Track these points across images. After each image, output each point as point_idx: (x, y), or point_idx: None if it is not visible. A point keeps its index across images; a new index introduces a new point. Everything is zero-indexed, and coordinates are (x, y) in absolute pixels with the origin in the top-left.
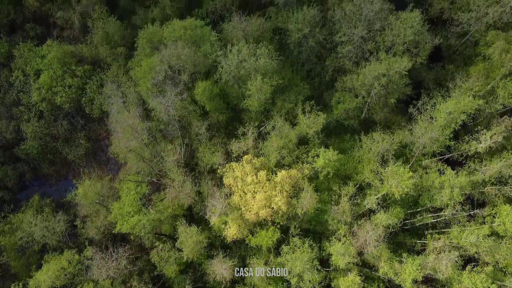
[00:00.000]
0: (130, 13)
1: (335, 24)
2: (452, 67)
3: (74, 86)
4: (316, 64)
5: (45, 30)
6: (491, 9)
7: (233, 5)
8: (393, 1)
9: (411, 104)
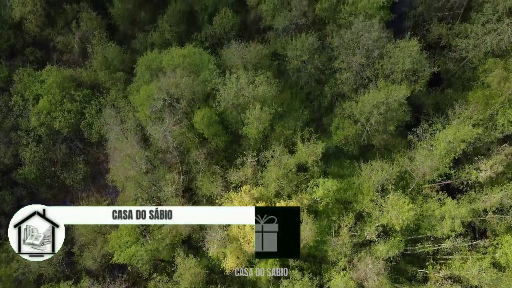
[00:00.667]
0: (130, 37)
1: (333, 50)
2: (451, 91)
3: (73, 110)
4: (315, 87)
5: (45, 54)
6: (489, 37)
7: (232, 29)
8: (391, 26)
9: (411, 131)
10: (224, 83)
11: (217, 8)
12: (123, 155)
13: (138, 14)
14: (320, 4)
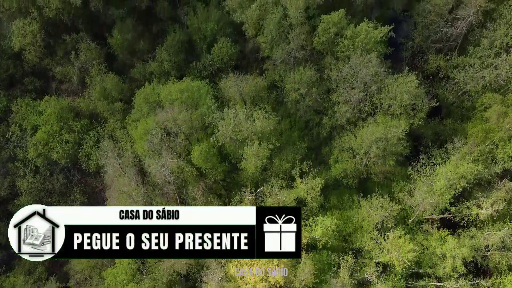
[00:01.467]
0: (129, 67)
1: (331, 83)
2: (450, 121)
3: (70, 141)
4: (314, 116)
5: (44, 83)
6: (487, 71)
7: (231, 59)
8: (389, 57)
9: (410, 164)
10: (222, 118)
11: (216, 38)
12: (120, 192)
13: (137, 44)
14: (318, 37)
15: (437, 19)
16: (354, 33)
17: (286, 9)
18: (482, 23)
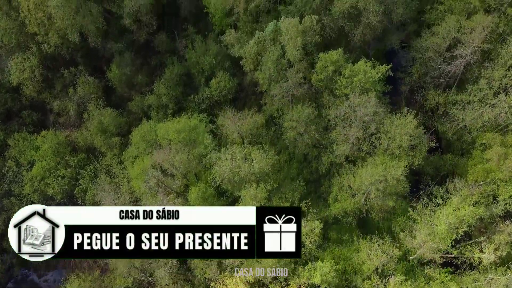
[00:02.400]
0: (127, 99)
1: (330, 120)
2: (450, 156)
3: (67, 176)
4: (312, 149)
5: (41, 116)
6: (486, 110)
7: (229, 92)
8: (387, 94)
9: (410, 200)
10: (219, 158)
11: (214, 72)
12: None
13: (135, 78)
14: (316, 75)
15: (435, 56)
16: (352, 72)
17: (283, 47)
18: (480, 62)
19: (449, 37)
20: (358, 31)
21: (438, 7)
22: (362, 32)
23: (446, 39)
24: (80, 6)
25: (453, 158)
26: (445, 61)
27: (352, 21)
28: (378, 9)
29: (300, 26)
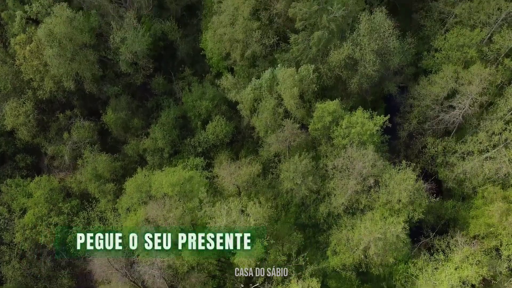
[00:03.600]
0: (122, 142)
1: (327, 171)
2: (451, 203)
3: (59, 224)
4: (310, 193)
5: (35, 159)
6: (486, 163)
7: (226, 136)
8: (387, 131)
9: (412, 262)
10: (214, 213)
11: (211, 115)
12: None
13: (131, 121)
14: (313, 124)
15: (433, 105)
16: (350, 123)
17: (280, 96)
18: (479, 113)
19: (447, 87)
20: (355, 80)
21: (435, 54)
22: (359, 80)
23: (444, 89)
24: (76, 53)
25: (454, 204)
26: (443, 110)
27: (349, 70)
28: (375, 59)
29: (296, 75)
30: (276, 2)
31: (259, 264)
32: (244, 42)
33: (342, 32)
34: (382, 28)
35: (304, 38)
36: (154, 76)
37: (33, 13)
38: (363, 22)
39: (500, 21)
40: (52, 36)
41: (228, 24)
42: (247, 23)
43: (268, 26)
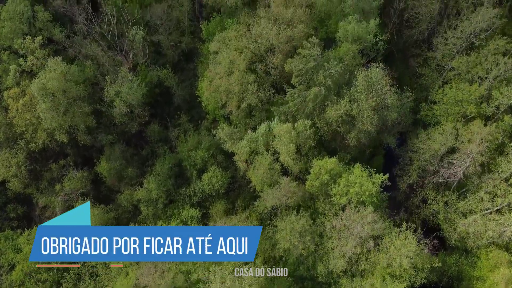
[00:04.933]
0: (116, 192)
1: (325, 230)
2: (454, 257)
3: (49, 280)
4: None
5: (27, 209)
6: (490, 224)
7: (221, 187)
8: (386, 189)
9: None
10: (208, 281)
11: (206, 165)
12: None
13: (125, 171)
14: (310, 181)
15: (433, 160)
16: (348, 182)
17: (277, 152)
18: (480, 172)
19: (447, 144)
20: (353, 135)
21: (434, 106)
22: (357, 135)
23: (443, 146)
24: (70, 106)
25: (457, 258)
26: (443, 166)
27: (347, 125)
28: (373, 116)
29: (293, 132)
30: (272, 56)
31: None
32: (240, 94)
33: (339, 87)
34: (379, 84)
35: (301, 93)
36: (150, 123)
37: (28, 66)
38: (359, 78)
39: (499, 77)
40: (45, 90)
41: (224, 76)
42: (243, 75)
43: (264, 78)
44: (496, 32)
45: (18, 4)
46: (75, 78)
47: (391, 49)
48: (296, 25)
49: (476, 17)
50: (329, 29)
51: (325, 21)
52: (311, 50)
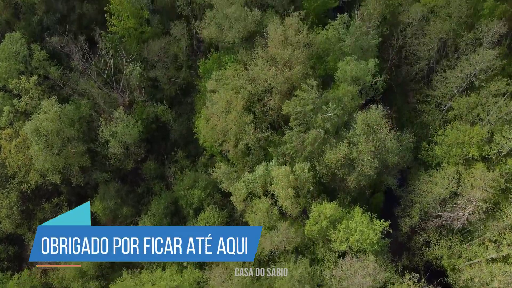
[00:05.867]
0: None
1: (325, 278)
2: None
3: None
4: None
5: (18, 249)
6: (496, 272)
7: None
8: (388, 235)
9: None
10: None
11: (203, 204)
12: None
13: (120, 209)
14: (309, 226)
15: (435, 204)
16: (348, 229)
17: (275, 196)
18: (485, 219)
19: (449, 189)
20: (352, 178)
21: (434, 147)
22: (357, 178)
23: (445, 190)
24: (64, 146)
25: None
26: (445, 210)
27: (346, 168)
28: (373, 159)
29: (291, 176)
30: (270, 96)
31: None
32: (237, 134)
33: (337, 128)
34: (379, 126)
35: (299, 135)
36: (146, 159)
37: (22, 107)
38: (358, 121)
39: (500, 119)
40: (38, 132)
41: (220, 116)
42: (240, 116)
43: (261, 118)
44: (496, 72)
45: (15, 43)
46: (70, 116)
47: (390, 83)
48: (294, 66)
49: (475, 58)
50: (327, 66)
51: (323, 57)
52: (309, 93)
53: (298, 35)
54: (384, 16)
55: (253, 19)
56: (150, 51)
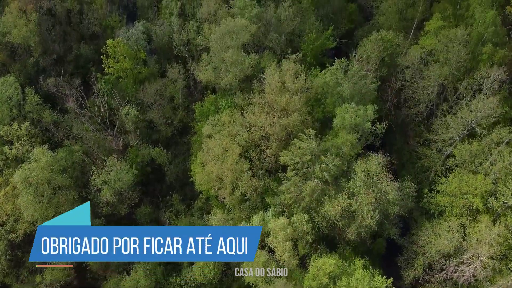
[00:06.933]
0: (102, 280)
1: None
2: None
3: None
4: None
5: None
6: None
7: (214, 277)
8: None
9: None
10: None
11: None
12: None
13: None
14: (307, 281)
15: (439, 257)
16: (349, 287)
17: (271, 249)
18: (492, 277)
19: (453, 243)
20: (352, 229)
21: (437, 196)
22: (357, 230)
23: (450, 243)
24: (55, 195)
25: None
26: (450, 264)
27: (346, 219)
28: (373, 211)
29: (289, 228)
30: (267, 143)
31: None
32: (233, 182)
33: (336, 178)
34: (379, 177)
35: (297, 185)
36: (141, 202)
37: (13, 154)
38: (358, 172)
39: (504, 169)
40: (28, 181)
41: (216, 163)
42: (236, 163)
43: (258, 165)
44: (497, 119)
45: (8, 87)
46: (62, 163)
47: (390, 124)
48: (291, 113)
49: (476, 104)
50: (325, 109)
51: (321, 100)
52: (307, 143)
53: (296, 82)
54: (382, 58)
55: (250, 63)
56: (146, 94)
